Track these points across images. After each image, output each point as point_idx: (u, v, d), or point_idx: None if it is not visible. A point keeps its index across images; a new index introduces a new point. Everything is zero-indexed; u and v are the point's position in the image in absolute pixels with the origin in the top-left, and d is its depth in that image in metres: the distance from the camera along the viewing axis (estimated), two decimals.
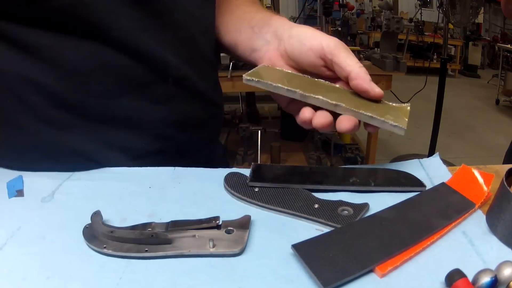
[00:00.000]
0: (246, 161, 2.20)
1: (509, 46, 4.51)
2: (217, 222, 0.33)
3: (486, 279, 0.26)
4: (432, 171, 0.45)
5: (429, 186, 0.41)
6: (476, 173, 0.41)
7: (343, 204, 0.37)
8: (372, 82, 0.42)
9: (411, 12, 5.19)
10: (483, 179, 0.40)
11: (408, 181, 0.42)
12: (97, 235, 0.32)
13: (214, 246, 0.31)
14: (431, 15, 4.55)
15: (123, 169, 0.45)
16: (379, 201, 0.38)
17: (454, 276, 0.27)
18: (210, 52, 0.54)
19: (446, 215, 0.35)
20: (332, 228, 0.34)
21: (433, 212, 0.36)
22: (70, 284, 0.28)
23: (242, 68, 1.86)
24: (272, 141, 2.29)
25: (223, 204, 0.38)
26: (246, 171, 0.43)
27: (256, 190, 0.39)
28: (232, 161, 2.19)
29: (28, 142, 0.44)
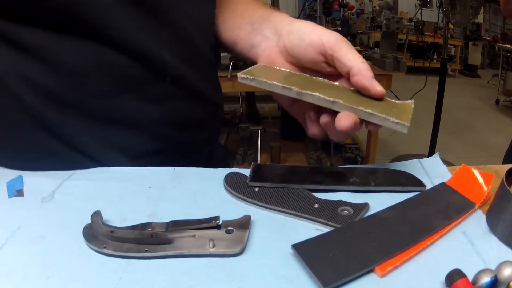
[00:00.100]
0: (246, 161, 2.20)
1: (509, 46, 4.51)
2: (217, 222, 0.33)
3: (486, 279, 0.26)
4: (432, 171, 0.45)
5: (429, 186, 0.41)
6: (476, 173, 0.41)
7: (343, 204, 0.37)
8: (374, 80, 0.40)
9: (411, 12, 5.19)
10: (483, 179, 0.40)
11: (408, 181, 0.42)
12: (97, 235, 0.32)
13: (214, 246, 0.31)
14: (431, 15, 4.56)
15: (123, 169, 0.45)
16: (379, 201, 0.38)
17: (454, 276, 0.27)
18: (209, 52, 0.54)
19: (446, 215, 0.35)
20: (332, 228, 0.34)
21: (433, 212, 0.36)
22: (70, 284, 0.28)
23: (242, 68, 1.85)
24: (272, 141, 2.29)
25: (223, 204, 0.38)
26: (246, 171, 0.43)
27: (256, 190, 0.39)
28: (232, 161, 2.19)
29: (27, 142, 0.44)
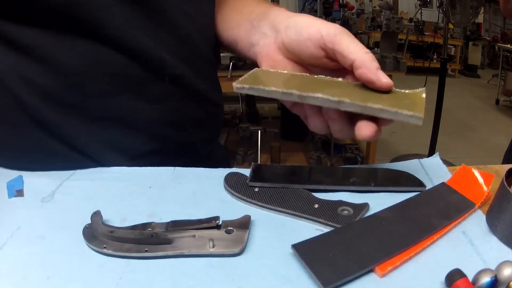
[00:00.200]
0: (246, 161, 2.20)
1: (509, 46, 4.51)
2: (217, 222, 0.33)
3: (486, 279, 0.26)
4: (432, 171, 0.45)
5: (429, 186, 0.41)
6: (476, 173, 0.41)
7: (343, 204, 0.37)
8: (380, 71, 0.37)
9: (411, 12, 5.18)
10: (483, 179, 0.40)
11: (408, 181, 0.42)
12: (97, 235, 0.32)
13: (214, 246, 0.31)
14: (431, 15, 4.55)
15: (123, 169, 0.45)
16: (379, 201, 0.38)
17: (454, 276, 0.27)
18: (209, 51, 0.53)
19: (446, 215, 0.35)
20: (332, 228, 0.34)
21: (433, 212, 0.36)
22: (70, 284, 0.28)
23: (242, 68, 1.86)
24: (272, 141, 2.29)
25: (223, 204, 0.38)
26: (246, 171, 0.43)
27: (256, 190, 0.39)
28: (232, 161, 2.19)
29: (27, 142, 0.44)
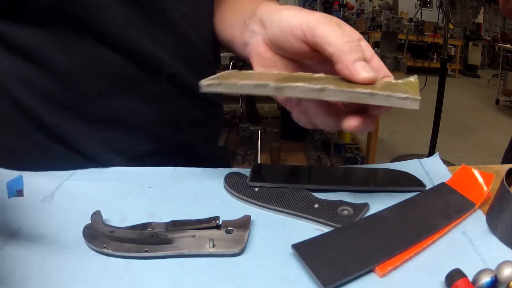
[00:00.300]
0: (246, 161, 2.20)
1: (509, 46, 4.51)
2: (217, 222, 0.33)
3: (486, 279, 0.26)
4: (432, 171, 0.45)
5: (429, 186, 0.41)
6: (476, 173, 0.41)
7: (343, 204, 0.37)
8: (359, 63, 0.32)
9: (411, 12, 5.18)
10: (483, 179, 0.40)
11: (408, 181, 0.42)
12: (97, 235, 0.32)
13: (214, 246, 0.31)
14: (431, 15, 4.55)
15: (123, 169, 0.45)
16: (379, 201, 0.38)
17: (454, 276, 0.27)
18: (207, 50, 0.53)
19: (446, 215, 0.35)
20: (332, 228, 0.34)
21: (433, 212, 0.36)
22: (70, 284, 0.28)
23: (243, 68, 1.86)
24: (272, 141, 2.29)
25: (223, 204, 0.38)
26: (246, 171, 0.43)
27: (256, 190, 0.39)
28: (232, 161, 2.19)
29: (26, 143, 0.44)
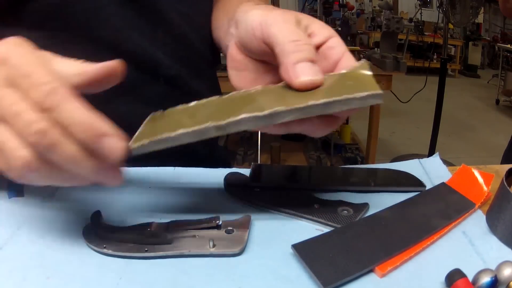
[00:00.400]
0: (246, 161, 2.20)
1: (509, 46, 4.51)
2: (217, 222, 0.33)
3: (486, 279, 0.26)
4: (432, 171, 0.45)
5: (429, 186, 0.41)
6: (476, 173, 0.41)
7: (343, 204, 0.37)
8: (302, 65, 0.29)
9: (411, 12, 5.18)
10: (483, 179, 0.40)
11: (408, 181, 0.42)
12: (97, 235, 0.32)
13: (214, 246, 0.31)
14: (431, 15, 4.55)
15: (123, 169, 0.44)
16: (379, 201, 0.38)
17: (454, 276, 0.27)
18: (206, 51, 0.53)
19: (446, 215, 0.35)
20: (332, 228, 0.34)
21: (433, 212, 0.36)
22: (70, 284, 0.28)
23: None
24: (272, 141, 2.29)
25: (223, 204, 0.38)
26: (246, 171, 0.43)
27: (256, 190, 0.39)
28: (232, 161, 2.19)
29: None
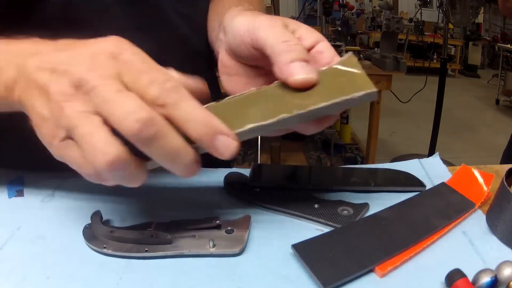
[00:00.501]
0: (246, 161, 2.20)
1: (509, 46, 4.51)
2: (217, 222, 0.33)
3: (486, 279, 0.26)
4: (432, 171, 0.45)
5: (429, 186, 0.41)
6: (476, 173, 0.41)
7: (343, 204, 0.37)
8: (297, 63, 0.30)
9: (411, 12, 5.18)
10: (483, 179, 0.40)
11: (408, 181, 0.42)
12: (97, 235, 0.32)
13: (214, 246, 0.31)
14: (431, 15, 4.55)
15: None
16: (379, 201, 0.38)
17: (454, 276, 0.27)
18: (206, 51, 0.53)
19: (446, 215, 0.35)
20: (332, 228, 0.34)
21: (433, 212, 0.36)
22: (70, 284, 0.28)
23: None
24: (272, 141, 2.29)
25: (223, 204, 0.38)
26: (246, 171, 0.43)
27: (256, 190, 0.39)
28: (232, 161, 2.18)
29: (26, 143, 0.44)
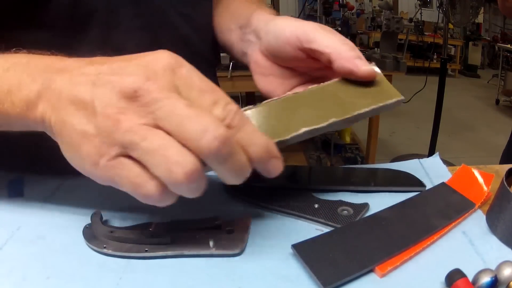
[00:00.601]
0: None
1: (509, 46, 4.51)
2: (217, 222, 0.33)
3: (486, 279, 0.26)
4: (432, 171, 0.45)
5: (429, 186, 0.41)
6: (476, 173, 0.41)
7: (343, 204, 0.37)
8: (359, 59, 0.35)
9: (411, 12, 5.18)
10: (483, 179, 0.40)
11: (408, 181, 0.42)
12: (97, 235, 0.32)
13: (214, 246, 0.31)
14: (431, 15, 4.54)
15: None
16: (379, 201, 0.38)
17: (454, 276, 0.27)
18: (208, 51, 0.53)
19: (446, 215, 0.35)
20: (332, 228, 0.34)
21: (433, 212, 0.36)
22: (70, 284, 0.28)
23: (242, 68, 1.86)
24: None
25: (223, 204, 0.38)
26: None
27: (256, 190, 0.39)
28: None
29: (26, 143, 0.44)
